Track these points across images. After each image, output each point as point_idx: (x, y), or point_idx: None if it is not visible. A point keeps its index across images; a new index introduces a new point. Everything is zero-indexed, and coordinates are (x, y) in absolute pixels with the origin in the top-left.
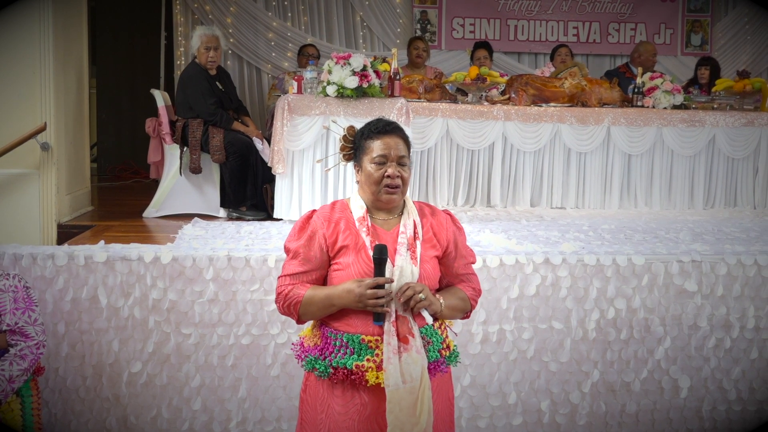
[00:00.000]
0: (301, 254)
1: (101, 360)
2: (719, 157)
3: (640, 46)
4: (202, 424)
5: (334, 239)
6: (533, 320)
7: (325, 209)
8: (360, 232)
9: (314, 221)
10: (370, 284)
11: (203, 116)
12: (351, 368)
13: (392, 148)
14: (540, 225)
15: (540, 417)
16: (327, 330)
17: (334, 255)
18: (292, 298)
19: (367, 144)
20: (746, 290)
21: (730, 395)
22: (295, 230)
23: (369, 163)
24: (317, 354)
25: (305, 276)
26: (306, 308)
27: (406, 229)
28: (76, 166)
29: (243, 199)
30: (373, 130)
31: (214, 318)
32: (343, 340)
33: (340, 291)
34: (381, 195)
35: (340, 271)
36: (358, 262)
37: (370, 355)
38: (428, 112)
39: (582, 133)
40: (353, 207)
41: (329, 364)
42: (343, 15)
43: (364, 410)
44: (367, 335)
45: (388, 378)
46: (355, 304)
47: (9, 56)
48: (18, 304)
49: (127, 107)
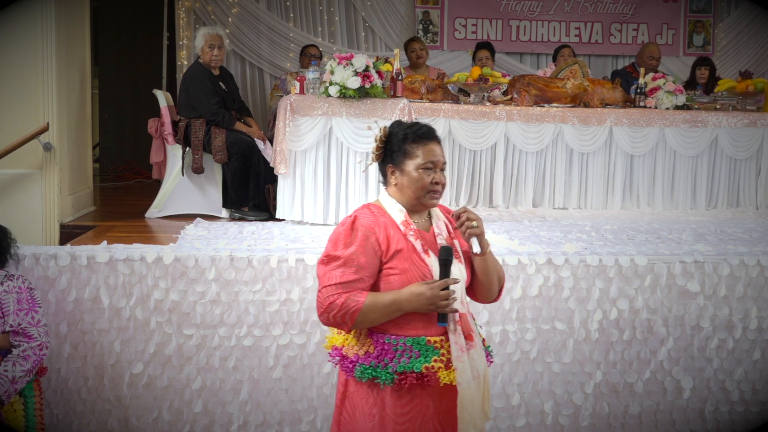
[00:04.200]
0: (354, 261)
1: (103, 361)
2: (722, 157)
3: (643, 46)
4: (203, 426)
5: (387, 243)
6: (536, 321)
7: (366, 214)
8: (407, 235)
9: (363, 226)
10: (441, 285)
11: (206, 116)
12: (421, 371)
13: (438, 155)
14: (542, 225)
15: (543, 418)
16: (382, 336)
17: (388, 259)
18: (350, 307)
19: (411, 148)
20: (749, 291)
21: (733, 396)
22: (341, 237)
23: (416, 169)
24: (373, 362)
25: (358, 284)
26: (366, 315)
27: (441, 231)
28: (78, 167)
29: (245, 200)
30: (419, 135)
31: (215, 319)
32: (406, 344)
33: (409, 295)
34: (425, 200)
35: (396, 276)
36: (415, 266)
37: (436, 356)
38: (430, 113)
39: (584, 134)
40: (391, 210)
41: (393, 370)
42: (345, 15)
43: (427, 411)
44: (431, 336)
45: (461, 376)
46: (426, 307)
47: (11, 56)
48: (21, 305)
49: (129, 107)
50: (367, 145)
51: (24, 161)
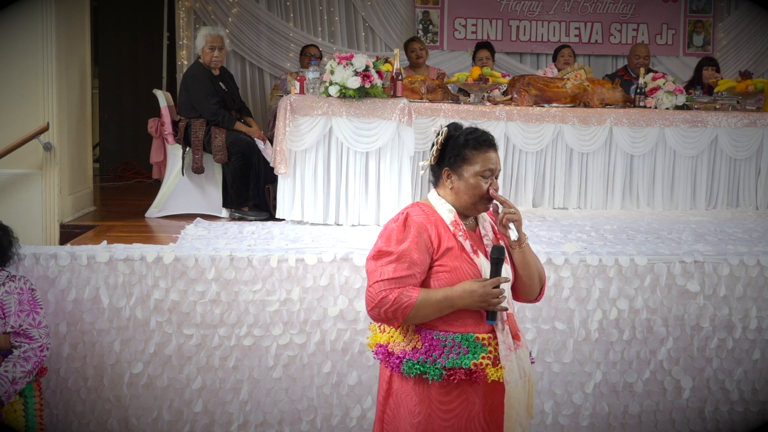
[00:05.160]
0: (407, 257)
1: (103, 361)
2: (722, 157)
3: (631, 47)
4: (203, 426)
5: (438, 241)
6: (536, 321)
7: (418, 211)
8: (457, 235)
9: (416, 223)
10: (493, 284)
11: (206, 116)
12: (469, 367)
13: (496, 163)
14: (542, 225)
15: (543, 418)
16: (431, 332)
17: (439, 257)
18: (402, 302)
19: (469, 154)
20: (749, 291)
21: (733, 396)
22: (394, 233)
23: (473, 175)
24: (422, 357)
25: (411, 279)
26: (418, 311)
27: (487, 232)
28: (78, 166)
29: (245, 200)
30: (480, 142)
31: (215, 319)
32: (455, 341)
33: (461, 292)
34: (480, 206)
35: (445, 273)
36: (465, 265)
37: (484, 353)
38: (430, 113)
39: (584, 134)
40: (441, 210)
41: (442, 365)
42: (345, 15)
43: (474, 407)
44: (480, 333)
45: (509, 374)
46: (477, 304)
47: (12, 56)
48: (23, 306)
49: (129, 107)
50: (367, 145)
51: (24, 161)
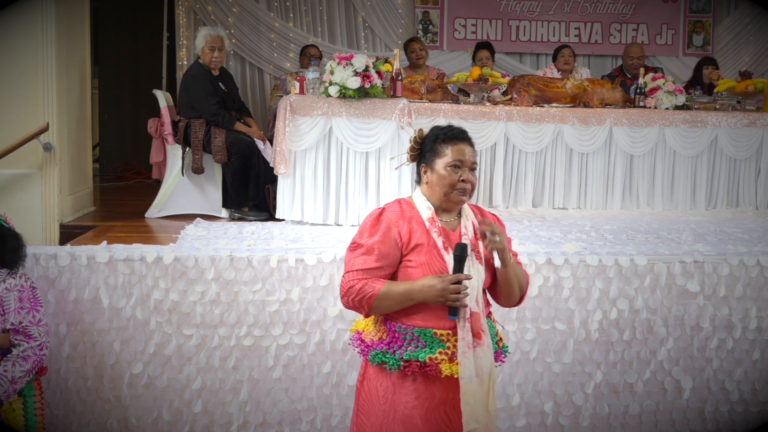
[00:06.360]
0: (376, 250)
1: (102, 361)
2: (721, 157)
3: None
4: (203, 426)
5: (408, 237)
6: (536, 321)
7: (395, 207)
8: (431, 232)
9: (388, 218)
10: (452, 280)
11: (205, 116)
12: (424, 360)
13: (467, 154)
14: (542, 225)
15: (543, 419)
16: (394, 324)
17: (408, 252)
18: (366, 293)
19: (440, 148)
20: (749, 291)
21: (733, 396)
22: (367, 227)
23: (443, 167)
24: (384, 348)
25: (379, 271)
26: (380, 302)
27: (467, 231)
28: (78, 167)
29: (245, 200)
30: (448, 136)
31: (215, 319)
32: (413, 334)
33: (421, 286)
34: (453, 197)
35: (413, 269)
36: (433, 261)
37: (441, 348)
38: (430, 113)
39: (584, 134)
40: (420, 207)
41: (400, 357)
42: (345, 15)
43: (433, 400)
44: (438, 329)
45: (463, 371)
46: (435, 299)
47: (11, 56)
48: (23, 304)
49: (129, 107)
50: (367, 145)
51: (24, 161)
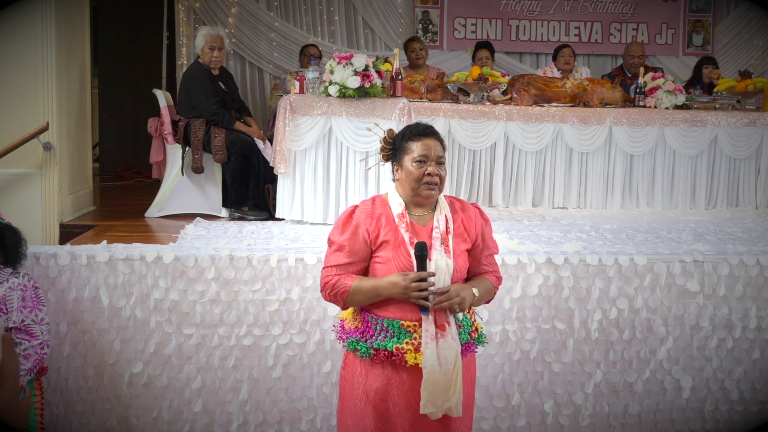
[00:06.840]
0: (346, 247)
1: (103, 360)
2: (721, 157)
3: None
4: (203, 426)
5: (376, 234)
6: (536, 320)
7: (367, 205)
8: (399, 228)
9: (357, 216)
10: (414, 278)
11: (205, 116)
12: (391, 350)
13: (432, 148)
14: (542, 225)
15: (543, 418)
16: (368, 315)
17: (376, 249)
18: (339, 288)
19: (407, 145)
20: (748, 290)
21: (733, 395)
22: (339, 224)
23: (410, 163)
24: (358, 336)
25: (350, 267)
26: (352, 297)
27: (439, 224)
28: (78, 166)
29: (245, 199)
30: (414, 133)
31: (215, 318)
32: (383, 325)
33: (386, 283)
34: (421, 191)
35: (381, 264)
36: (398, 257)
37: (408, 339)
38: (430, 112)
39: (584, 133)
40: (392, 203)
41: (371, 345)
42: (345, 15)
43: (402, 387)
44: (405, 321)
45: (426, 361)
46: (399, 296)
47: (11, 56)
48: (26, 303)
49: (129, 107)
50: (367, 145)
51: (24, 161)
